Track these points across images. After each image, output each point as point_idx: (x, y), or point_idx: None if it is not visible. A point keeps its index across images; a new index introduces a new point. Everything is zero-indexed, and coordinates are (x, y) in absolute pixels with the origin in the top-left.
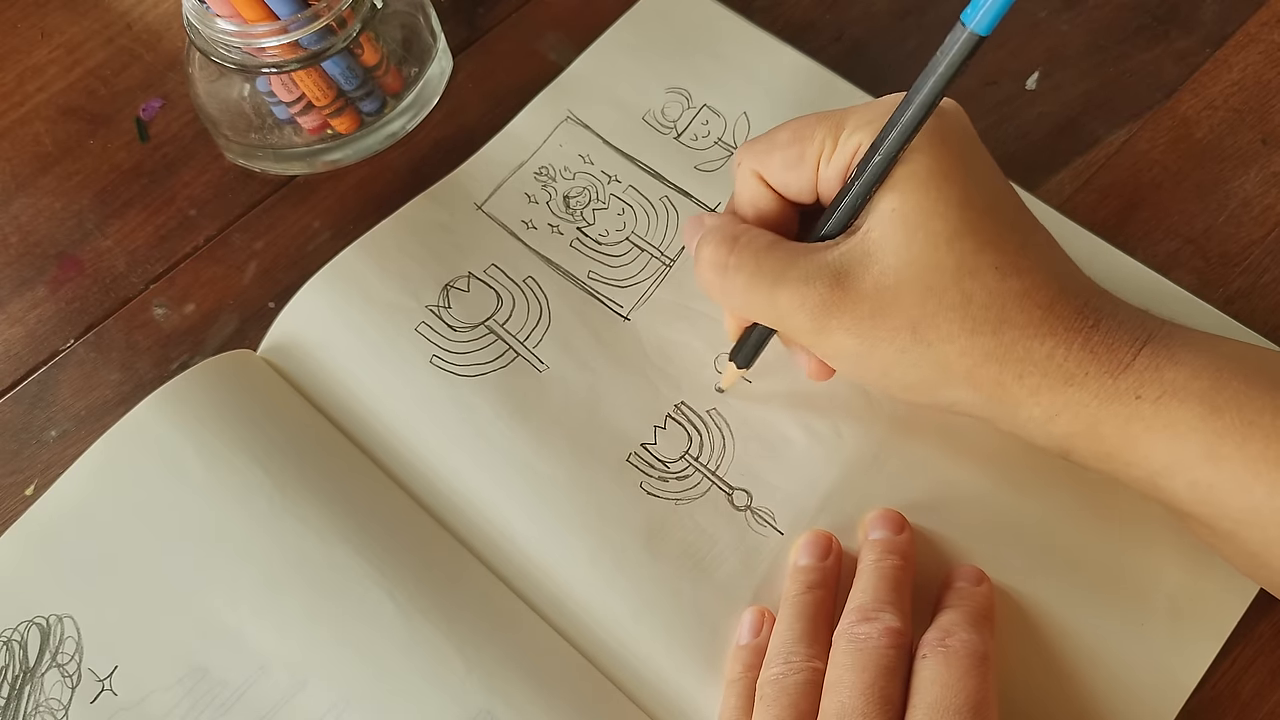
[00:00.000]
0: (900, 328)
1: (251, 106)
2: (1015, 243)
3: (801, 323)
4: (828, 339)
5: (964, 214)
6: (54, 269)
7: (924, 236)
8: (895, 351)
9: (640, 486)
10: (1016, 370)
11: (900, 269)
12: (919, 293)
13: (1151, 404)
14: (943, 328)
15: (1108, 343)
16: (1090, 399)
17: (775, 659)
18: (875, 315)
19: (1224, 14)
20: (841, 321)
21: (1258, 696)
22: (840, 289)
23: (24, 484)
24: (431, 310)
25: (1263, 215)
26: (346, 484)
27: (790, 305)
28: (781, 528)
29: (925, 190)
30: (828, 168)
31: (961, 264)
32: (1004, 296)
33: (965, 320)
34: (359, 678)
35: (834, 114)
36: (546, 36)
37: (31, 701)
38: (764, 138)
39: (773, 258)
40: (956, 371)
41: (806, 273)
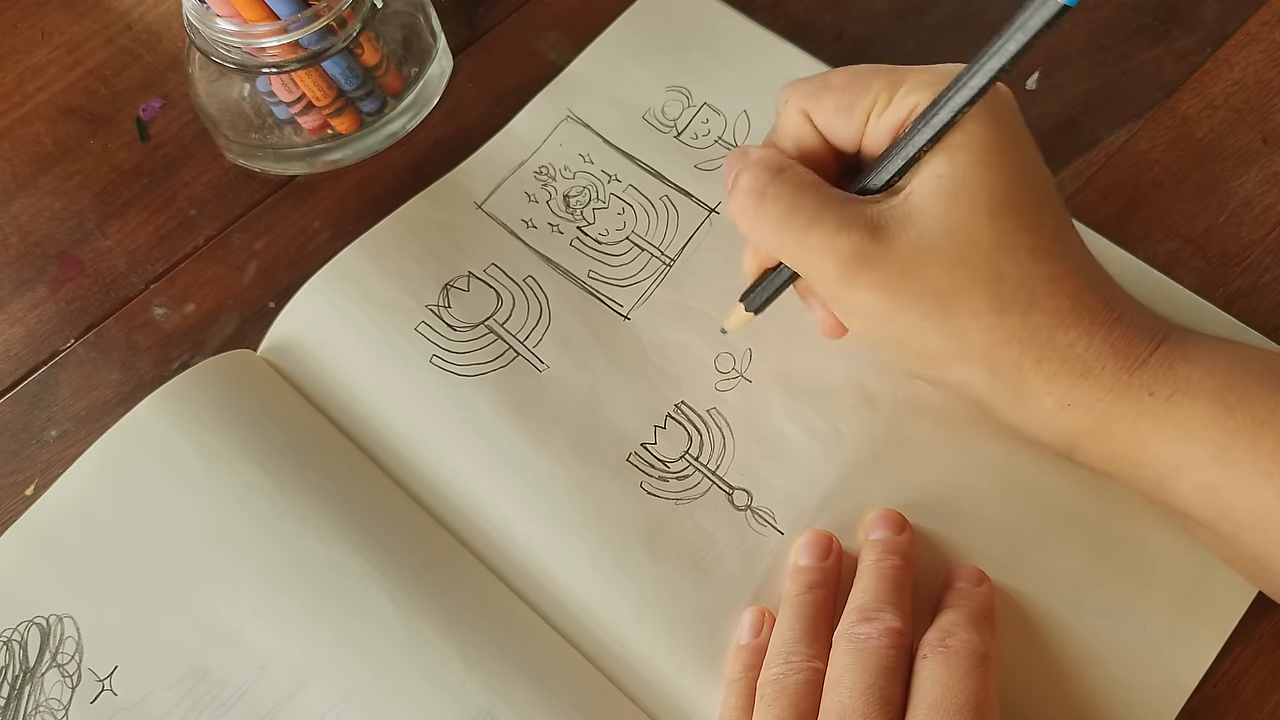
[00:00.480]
0: (927, 294)
1: (251, 106)
2: (1052, 228)
3: (828, 269)
4: (852, 293)
5: (1009, 192)
6: (54, 269)
7: (967, 208)
8: (918, 317)
9: (640, 486)
10: (1037, 355)
11: (938, 235)
12: (952, 263)
13: (1164, 401)
14: (970, 302)
15: (1128, 338)
16: (1104, 393)
17: (775, 659)
18: (905, 276)
19: (1224, 13)
20: (870, 277)
21: (1258, 696)
22: (875, 243)
23: (24, 484)
24: (431, 310)
25: (1263, 215)
26: (346, 484)
27: (821, 248)
28: (782, 527)
29: (975, 162)
30: (879, 121)
31: (1000, 241)
32: (1036, 279)
33: (995, 299)
34: (359, 678)
35: (893, 69)
36: (546, 36)
37: (31, 701)
38: (817, 77)
39: (812, 197)
40: (976, 348)
41: (843, 219)
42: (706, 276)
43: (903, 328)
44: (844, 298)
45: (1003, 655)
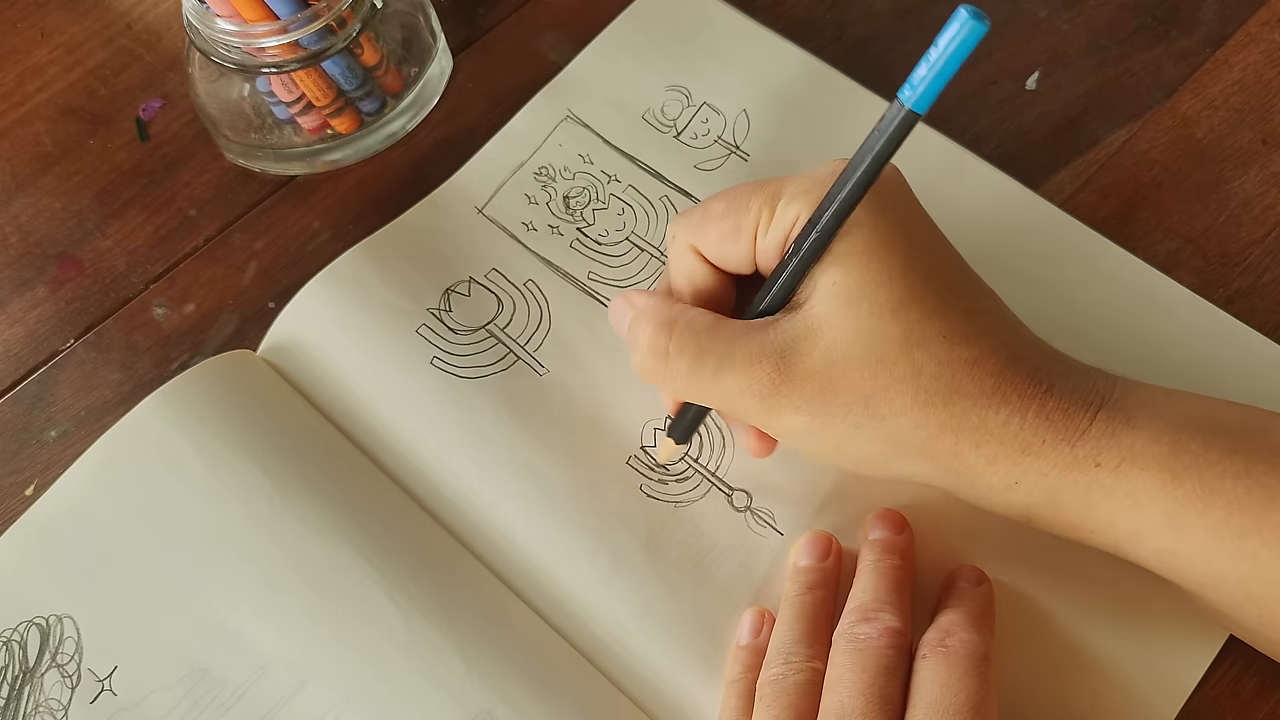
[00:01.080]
0: (852, 402)
1: (251, 106)
2: (961, 309)
3: (750, 405)
4: (777, 418)
5: (908, 282)
6: (54, 269)
7: (868, 309)
8: (849, 427)
9: (640, 488)
10: (973, 439)
11: (847, 343)
12: (869, 366)
13: (1111, 472)
14: (895, 401)
15: (1063, 408)
16: (1049, 468)
17: (775, 659)
18: (825, 391)
19: (1224, 13)
20: (791, 400)
21: (1258, 696)
22: (788, 367)
23: (24, 484)
24: (432, 313)
25: (1263, 215)
26: (346, 484)
27: (737, 388)
28: (781, 528)
29: (867, 263)
30: (765, 239)
31: (909, 334)
32: (954, 365)
33: (917, 392)
34: (359, 678)
35: (770, 183)
36: (546, 36)
37: (31, 702)
38: (697, 209)
39: (714, 339)
40: (911, 444)
41: (750, 353)
42: None
43: (836, 439)
44: (772, 425)
45: (1002, 655)
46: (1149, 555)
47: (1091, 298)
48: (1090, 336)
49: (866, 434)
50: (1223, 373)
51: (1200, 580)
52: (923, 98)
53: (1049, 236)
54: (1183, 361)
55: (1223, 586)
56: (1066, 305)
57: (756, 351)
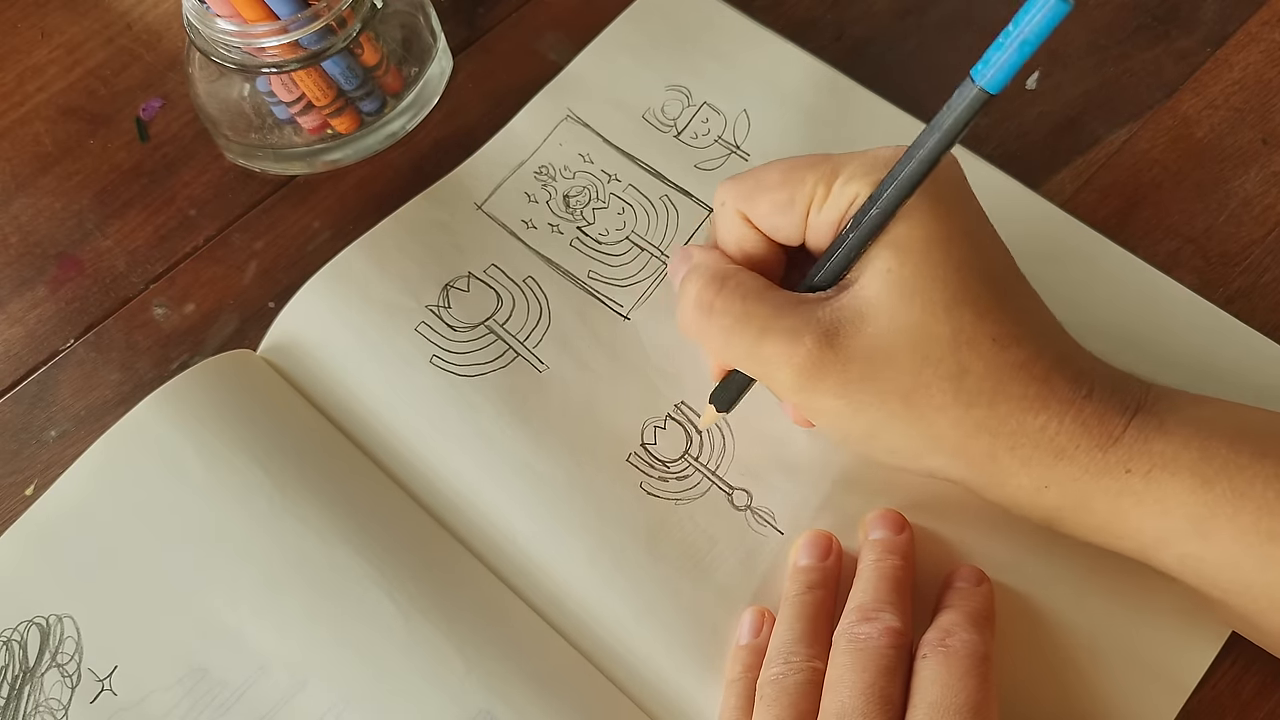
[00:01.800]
0: (891, 393)
1: (251, 106)
2: (1012, 311)
3: (786, 378)
4: (812, 397)
5: (963, 280)
6: (54, 269)
7: (921, 303)
8: (884, 416)
9: (640, 486)
10: (1009, 442)
11: (895, 333)
12: (914, 360)
13: (1141, 478)
14: (936, 398)
15: (1099, 414)
16: (1080, 473)
17: (775, 659)
18: (866, 379)
19: (1224, 13)
20: (829, 383)
21: (1258, 696)
22: (830, 348)
23: (24, 484)
24: (431, 310)
25: (1263, 215)
26: (346, 484)
27: (775, 358)
28: (782, 527)
29: (924, 254)
30: (819, 215)
31: (959, 334)
32: (1001, 369)
33: (960, 392)
34: (359, 678)
35: (828, 159)
36: (546, 36)
37: (31, 701)
38: (750, 176)
39: (761, 305)
40: (947, 441)
41: (795, 326)
42: None
43: (869, 427)
44: (805, 403)
45: (1002, 655)
46: (1174, 561)
47: (1092, 298)
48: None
49: (901, 426)
50: (1223, 372)
51: (1226, 586)
52: (998, 77)
53: (1049, 236)
54: (1183, 361)
55: (1248, 592)
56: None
57: (802, 325)
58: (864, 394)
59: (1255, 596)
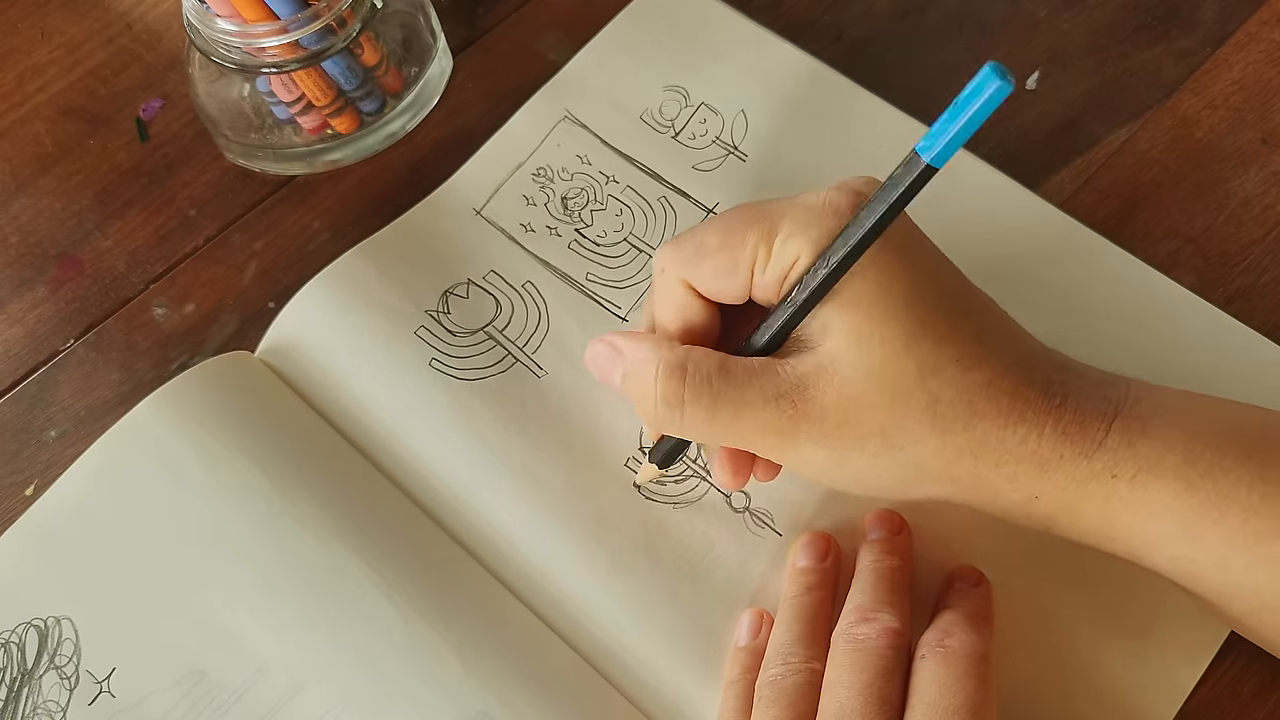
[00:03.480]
0: (870, 434)
1: (251, 106)
2: (970, 331)
3: (768, 443)
4: (796, 453)
5: (916, 314)
6: (54, 269)
7: (880, 344)
8: (868, 458)
9: (638, 489)
10: (992, 460)
11: (862, 379)
12: (885, 399)
13: (1127, 483)
14: (913, 430)
15: (1078, 421)
16: (1067, 481)
17: (773, 660)
18: (843, 425)
19: (1224, 13)
20: (809, 435)
21: (1258, 696)
22: (804, 404)
23: (24, 484)
24: (431, 315)
25: (1263, 215)
26: (345, 486)
27: (755, 430)
28: (780, 529)
29: (874, 299)
30: (763, 275)
31: (923, 364)
32: (969, 390)
33: (935, 420)
34: (357, 680)
35: (765, 217)
36: (546, 36)
37: (29, 703)
38: (689, 241)
39: (727, 384)
40: (931, 470)
41: (765, 394)
42: None
43: (855, 470)
44: (790, 460)
45: (1002, 655)
46: (1165, 563)
47: (1091, 299)
48: (1090, 337)
49: (885, 464)
50: (1222, 373)
51: (1218, 588)
52: (942, 153)
53: (1048, 237)
54: (1182, 362)
55: (1239, 594)
56: (1066, 306)
57: (771, 392)
58: (844, 440)
59: (1246, 598)
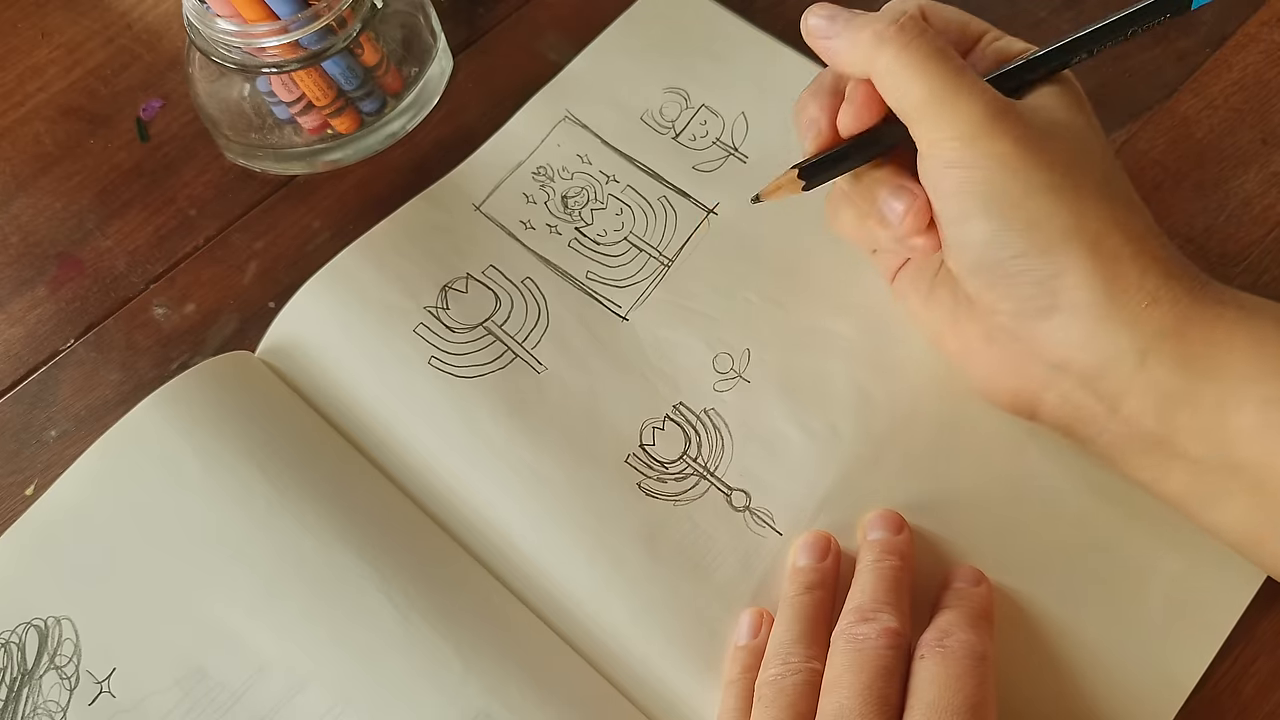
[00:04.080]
0: (1057, 162)
1: (252, 106)
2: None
3: (975, 111)
4: (991, 141)
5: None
6: (54, 269)
7: (1084, 122)
8: (1046, 181)
9: (638, 487)
10: (1135, 248)
11: (1064, 125)
12: (1076, 148)
13: (1235, 311)
14: (1089, 183)
15: (1191, 264)
16: (1184, 294)
17: (773, 660)
18: (1041, 140)
19: (1224, 14)
20: (1012, 127)
21: (1258, 696)
22: (1015, 107)
23: (24, 484)
24: (429, 312)
25: (1263, 215)
26: (345, 486)
27: (973, 88)
28: (780, 528)
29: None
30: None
31: (1107, 151)
32: (1131, 195)
33: (1105, 186)
34: (357, 679)
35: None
36: (546, 36)
37: (29, 703)
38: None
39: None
40: (1089, 227)
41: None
42: (704, 277)
43: (1027, 186)
44: (981, 144)
45: (1001, 655)
46: (1252, 409)
47: None
48: None
49: (1058, 196)
50: None
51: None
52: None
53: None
54: None
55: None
56: None
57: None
58: (1037, 153)
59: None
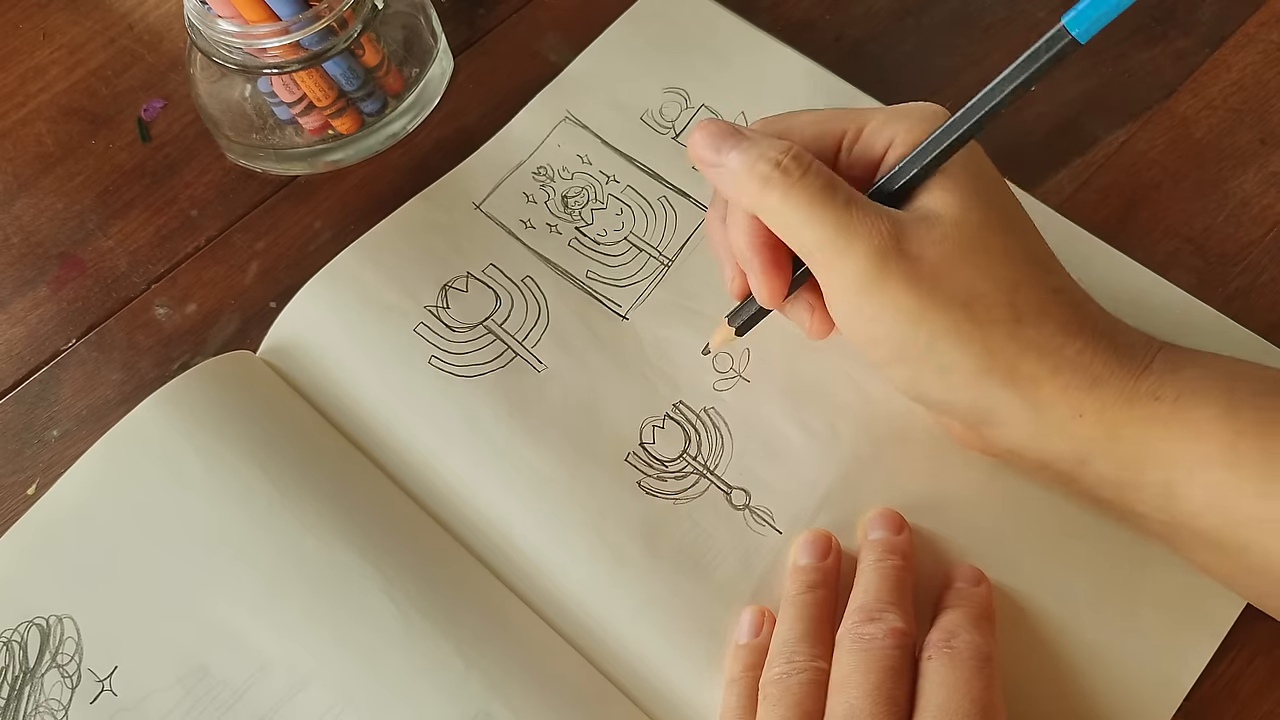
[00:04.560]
0: (955, 302)
1: (253, 107)
2: (1047, 249)
3: (863, 256)
4: (881, 294)
5: (1009, 214)
6: (56, 269)
7: (979, 220)
8: (947, 326)
9: (638, 485)
10: (1052, 365)
11: (960, 241)
12: (976, 268)
13: (1170, 404)
14: (994, 310)
15: (1129, 344)
16: (1113, 400)
17: (778, 658)
18: (935, 278)
19: (1223, 14)
20: (902, 270)
21: (1256, 696)
22: (904, 242)
23: (25, 483)
24: (430, 311)
25: (1261, 215)
26: (346, 485)
27: (862, 228)
28: (780, 527)
29: (977, 189)
30: (848, 155)
31: (1010, 252)
32: (1044, 290)
33: (1013, 306)
34: (359, 678)
35: (857, 111)
36: (547, 37)
37: (31, 702)
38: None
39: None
40: (1001, 359)
41: (875, 210)
42: (704, 276)
43: (929, 337)
44: (875, 296)
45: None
46: (1199, 493)
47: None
48: None
49: (961, 339)
50: None
51: (1249, 520)
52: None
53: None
54: None
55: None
56: None
57: (880, 211)
58: (933, 295)
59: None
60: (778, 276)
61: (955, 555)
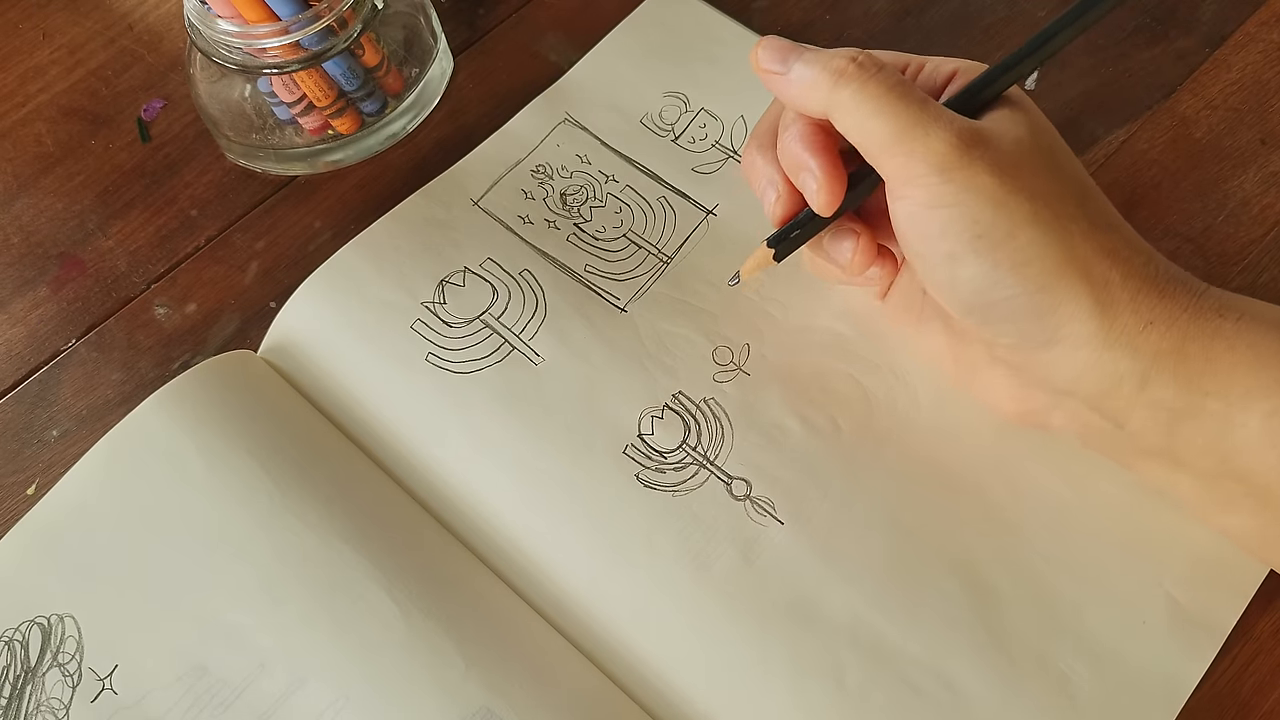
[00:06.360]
0: (1035, 192)
1: (253, 107)
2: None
3: (944, 140)
4: (966, 172)
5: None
6: (56, 269)
7: (1049, 139)
8: (1028, 213)
9: (637, 479)
10: (1124, 270)
11: (1033, 146)
12: (1051, 170)
13: (1233, 323)
14: (1070, 208)
15: (1183, 273)
16: (1180, 311)
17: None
18: (1016, 167)
19: (1223, 14)
20: (986, 156)
21: (1258, 695)
22: (983, 134)
23: (26, 483)
24: (427, 307)
25: (1261, 215)
26: (346, 483)
27: (938, 124)
28: (782, 517)
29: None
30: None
31: (1077, 166)
32: (1109, 211)
33: (1086, 210)
34: (359, 676)
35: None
36: (547, 37)
37: (33, 701)
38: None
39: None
40: (1078, 257)
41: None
42: (705, 275)
43: (1010, 220)
44: (958, 178)
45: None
46: (1257, 421)
47: None
48: None
49: (1041, 229)
50: None
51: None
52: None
53: None
54: None
55: None
56: None
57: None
58: (1015, 181)
59: None
60: (837, 179)
61: (956, 551)
